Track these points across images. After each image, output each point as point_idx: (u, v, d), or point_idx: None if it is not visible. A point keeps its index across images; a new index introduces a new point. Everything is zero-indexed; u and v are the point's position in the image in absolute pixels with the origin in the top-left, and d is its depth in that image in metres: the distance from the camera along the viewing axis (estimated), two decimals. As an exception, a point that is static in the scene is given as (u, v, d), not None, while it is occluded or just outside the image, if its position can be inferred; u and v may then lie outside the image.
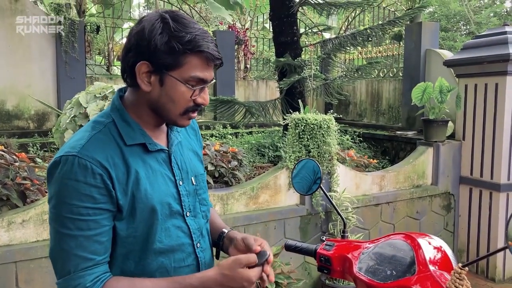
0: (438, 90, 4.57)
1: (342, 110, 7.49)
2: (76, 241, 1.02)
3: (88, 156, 1.04)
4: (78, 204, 1.02)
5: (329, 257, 1.39)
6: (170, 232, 1.15)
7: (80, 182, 1.02)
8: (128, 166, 1.09)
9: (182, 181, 1.20)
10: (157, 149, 1.16)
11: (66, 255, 1.03)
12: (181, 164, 1.22)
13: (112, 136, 1.11)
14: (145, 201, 1.10)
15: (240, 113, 5.20)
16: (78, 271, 1.03)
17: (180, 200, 1.19)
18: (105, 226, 1.06)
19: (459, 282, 1.08)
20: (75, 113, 2.91)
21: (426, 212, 4.63)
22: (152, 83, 1.10)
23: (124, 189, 1.08)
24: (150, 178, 1.13)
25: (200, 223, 1.24)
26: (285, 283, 3.36)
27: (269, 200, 3.75)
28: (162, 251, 1.14)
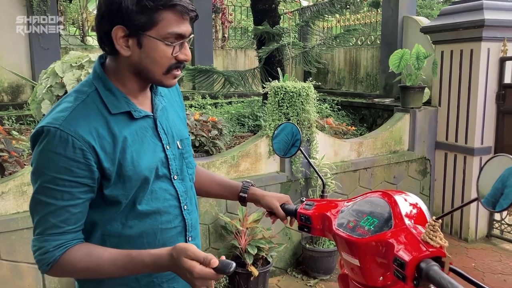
0: (415, 56, 4.62)
1: (320, 79, 7.51)
2: (48, 208, 1.05)
3: (70, 129, 1.04)
4: (55, 175, 1.04)
5: (309, 216, 1.43)
6: (157, 195, 1.17)
7: (59, 155, 1.03)
8: (114, 135, 1.09)
9: (169, 146, 1.21)
10: (142, 116, 1.16)
11: (38, 218, 1.07)
12: (166, 128, 1.22)
13: (95, 106, 1.10)
14: (132, 169, 1.11)
15: (219, 83, 5.17)
16: (45, 235, 1.06)
17: (167, 164, 1.20)
18: (80, 199, 1.07)
19: (433, 234, 1.13)
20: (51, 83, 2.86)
21: (403, 177, 4.75)
22: (130, 46, 1.08)
23: (111, 158, 1.08)
24: (137, 145, 1.13)
25: (187, 186, 1.27)
26: (267, 248, 3.44)
27: (249, 168, 3.79)
28: (149, 213, 1.16)
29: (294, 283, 3.80)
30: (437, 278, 1.04)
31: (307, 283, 3.78)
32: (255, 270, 3.32)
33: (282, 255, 3.93)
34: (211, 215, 3.55)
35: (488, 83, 4.45)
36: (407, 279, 1.09)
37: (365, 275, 1.28)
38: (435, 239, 1.13)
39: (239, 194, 1.50)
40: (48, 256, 1.06)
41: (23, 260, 2.86)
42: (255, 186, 1.53)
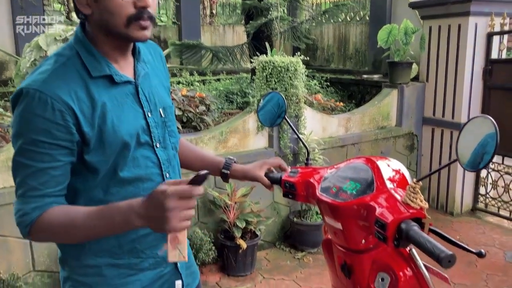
0: (403, 31, 4.62)
1: (310, 55, 7.46)
2: (28, 170, 1.04)
3: (49, 90, 1.03)
4: (34, 137, 1.03)
5: (293, 183, 1.45)
6: (138, 162, 1.17)
7: (38, 117, 1.02)
8: (93, 99, 1.08)
9: (150, 113, 1.20)
10: (123, 81, 1.14)
11: (19, 180, 1.06)
12: (149, 96, 1.21)
13: (76, 69, 1.08)
14: (112, 134, 1.10)
15: (207, 59, 5.13)
16: (25, 197, 1.05)
17: (149, 131, 1.19)
18: (60, 161, 1.06)
19: (413, 195, 1.15)
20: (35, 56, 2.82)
21: (390, 152, 4.79)
22: (89, 4, 1.07)
23: (90, 122, 1.07)
24: (117, 111, 1.12)
25: (169, 154, 1.26)
26: (255, 221, 3.48)
27: (238, 143, 3.80)
28: (131, 180, 1.16)
29: (282, 256, 3.85)
30: (417, 237, 1.07)
31: (295, 256, 3.84)
32: (244, 243, 3.36)
33: (270, 229, 3.98)
34: (200, 190, 3.56)
35: (475, 59, 4.47)
36: (388, 240, 1.11)
37: (348, 239, 1.31)
38: (415, 201, 1.15)
39: (221, 171, 1.52)
40: (26, 218, 1.05)
41: (11, 234, 2.86)
42: (237, 163, 1.54)
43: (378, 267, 1.29)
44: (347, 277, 1.34)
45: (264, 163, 1.52)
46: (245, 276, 3.50)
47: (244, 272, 3.51)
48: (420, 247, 1.05)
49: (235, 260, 3.45)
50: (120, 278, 1.19)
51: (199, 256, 3.29)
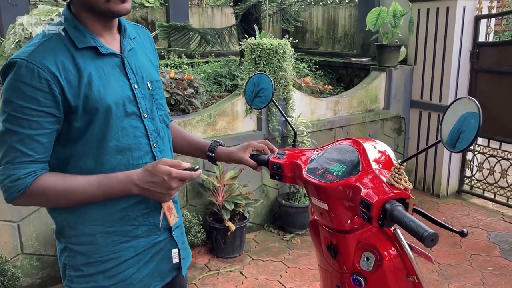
0: (391, 14, 4.61)
1: (299, 38, 7.43)
2: (17, 136, 1.10)
3: (36, 61, 1.08)
4: (22, 104, 1.08)
5: (280, 164, 1.46)
6: (127, 132, 1.22)
7: (26, 85, 1.08)
8: (79, 69, 1.13)
9: (137, 85, 1.25)
10: (109, 53, 1.20)
11: (7, 147, 1.11)
12: (135, 69, 1.26)
13: (62, 42, 1.14)
14: (99, 101, 1.15)
15: (195, 41, 5.09)
16: (15, 163, 1.10)
17: (136, 102, 1.24)
18: (47, 128, 1.12)
19: (398, 176, 1.17)
20: (20, 38, 2.77)
21: (378, 135, 4.82)
22: None
23: (76, 91, 1.12)
24: (103, 80, 1.17)
25: (157, 126, 1.31)
26: (244, 204, 3.50)
27: (226, 126, 3.80)
28: (120, 149, 1.21)
29: (270, 238, 3.89)
30: (401, 217, 1.09)
31: (283, 238, 3.88)
32: (232, 225, 3.38)
33: (259, 211, 4.01)
34: (188, 172, 3.56)
35: (463, 42, 4.49)
36: (373, 220, 1.13)
37: (334, 219, 1.33)
38: (400, 181, 1.17)
39: (206, 153, 1.56)
40: (19, 183, 1.10)
41: (-2, 218, 2.86)
42: (223, 145, 1.57)
43: (363, 246, 1.32)
44: (333, 257, 1.36)
45: (249, 145, 1.54)
46: (234, 258, 3.54)
47: (233, 254, 3.54)
48: (404, 227, 1.07)
49: (224, 242, 3.47)
50: (114, 245, 1.25)
51: (188, 238, 3.31)
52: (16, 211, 2.91)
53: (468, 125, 1.07)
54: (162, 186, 1.14)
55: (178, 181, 1.15)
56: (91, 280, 1.26)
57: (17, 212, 2.92)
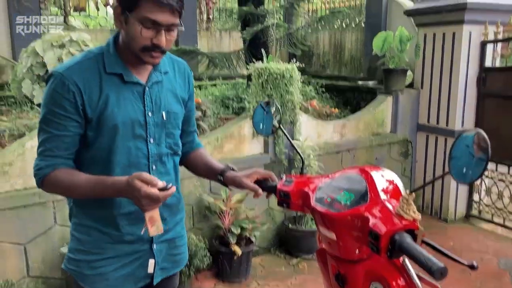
0: (398, 39, 4.65)
1: (305, 61, 7.48)
2: (46, 134, 1.35)
3: (69, 75, 1.32)
4: (53, 109, 1.33)
5: (288, 192, 1.46)
6: (130, 151, 1.41)
7: (58, 93, 1.32)
8: (101, 89, 1.35)
9: (151, 113, 1.42)
10: (132, 81, 1.39)
11: (40, 141, 1.37)
12: (155, 99, 1.43)
13: (96, 64, 1.37)
14: (110, 119, 1.35)
15: (203, 64, 5.15)
16: (42, 156, 1.36)
17: (146, 127, 1.42)
18: (70, 131, 1.35)
19: (406, 207, 1.16)
20: (32, 62, 2.82)
21: (385, 159, 4.81)
22: (121, 23, 1.33)
23: (94, 106, 1.34)
24: (119, 103, 1.37)
25: (161, 151, 1.47)
26: (250, 228, 3.49)
27: (233, 149, 3.81)
28: (123, 166, 1.40)
29: (277, 262, 3.86)
30: (410, 249, 1.08)
31: (290, 262, 3.85)
32: (239, 249, 3.36)
33: (265, 235, 3.98)
34: (195, 195, 3.57)
35: (469, 66, 4.51)
36: (381, 251, 1.12)
37: (342, 249, 1.32)
38: (408, 212, 1.16)
39: (217, 176, 1.60)
40: (40, 172, 1.35)
41: (6, 240, 2.86)
42: (234, 170, 1.59)
43: (371, 277, 1.30)
44: (341, 286, 1.35)
45: (255, 172, 1.55)
46: (240, 283, 3.50)
47: (239, 278, 3.51)
48: (413, 259, 1.06)
49: (230, 267, 3.45)
50: (102, 242, 1.45)
51: (194, 262, 3.29)
52: (23, 233, 2.92)
53: (477, 157, 1.07)
54: (135, 200, 1.25)
55: (147, 199, 1.22)
56: (77, 265, 1.47)
57: (24, 235, 2.93)
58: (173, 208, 1.56)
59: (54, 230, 3.03)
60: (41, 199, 2.90)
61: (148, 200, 1.22)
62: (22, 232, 2.92)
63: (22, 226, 2.90)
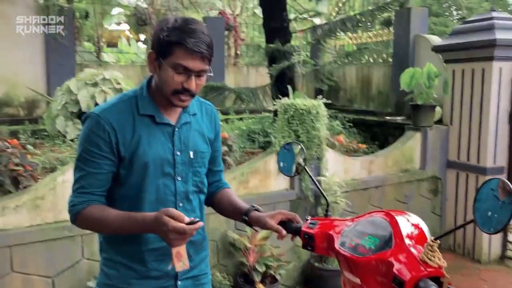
0: (426, 75, 4.63)
1: (332, 95, 7.52)
2: (82, 172, 1.42)
3: (104, 116, 1.41)
4: (89, 148, 1.40)
5: (312, 234, 1.45)
6: (159, 188, 1.47)
7: (93, 133, 1.40)
8: (134, 130, 1.43)
9: (180, 152, 1.49)
10: (163, 122, 1.47)
11: (76, 178, 1.44)
12: (183, 139, 1.50)
13: (130, 106, 1.45)
14: (141, 158, 1.43)
15: (230, 99, 5.24)
16: (76, 192, 1.42)
17: (174, 166, 1.48)
18: (104, 169, 1.42)
19: (431, 253, 1.14)
20: (66, 100, 2.94)
21: (414, 196, 4.72)
22: (155, 67, 1.41)
23: (127, 145, 1.42)
24: (150, 142, 1.44)
25: (188, 189, 1.52)
26: (275, 265, 3.45)
27: (259, 184, 3.81)
28: (151, 202, 1.45)
29: (302, 301, 3.78)
30: (435, 297, 1.05)
31: (316, 302, 3.76)
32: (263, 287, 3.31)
33: (291, 273, 3.92)
34: (220, 231, 3.56)
35: (500, 102, 4.44)
36: (406, 298, 1.10)
37: (366, 294, 1.29)
38: (433, 259, 1.14)
39: (242, 217, 1.60)
40: (74, 208, 1.41)
41: (34, 272, 2.91)
42: (259, 210, 1.59)
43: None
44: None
45: (279, 213, 1.55)
46: (264, 321, 3.44)
47: (263, 317, 3.45)
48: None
49: (254, 304, 3.40)
50: (128, 277, 1.49)
51: (218, 299, 3.26)
52: (51, 266, 2.97)
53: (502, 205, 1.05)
54: (163, 235, 1.28)
55: (174, 234, 1.25)
56: None
57: (53, 267, 2.98)
58: (198, 245, 1.58)
59: (82, 264, 3.07)
60: (70, 233, 2.95)
61: (175, 234, 1.25)
62: (51, 265, 2.97)
63: (51, 259, 2.96)
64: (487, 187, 1.08)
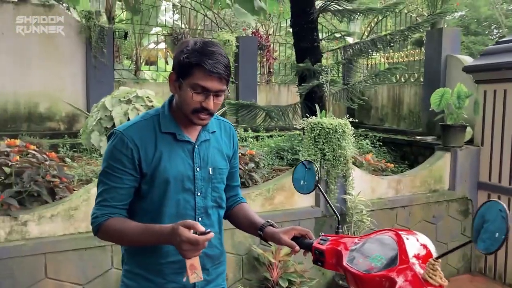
0: (456, 95, 4.61)
1: (363, 114, 7.53)
2: (105, 186, 1.48)
3: (128, 134, 1.48)
4: (112, 163, 1.47)
5: (322, 250, 1.51)
6: (179, 203, 1.52)
7: (117, 150, 1.47)
8: (156, 147, 1.50)
9: (199, 168, 1.55)
10: (184, 140, 1.53)
11: (98, 192, 1.50)
12: (203, 155, 1.56)
13: (153, 124, 1.52)
14: (162, 174, 1.48)
15: (260, 117, 5.34)
16: (98, 205, 1.49)
17: (194, 181, 1.54)
18: (126, 184, 1.48)
19: (432, 272, 1.19)
20: (101, 116, 3.11)
21: (443, 217, 4.66)
22: (176, 88, 1.49)
23: (149, 162, 1.48)
24: (171, 159, 1.50)
25: (207, 204, 1.57)
26: (298, 282, 3.48)
27: (284, 201, 3.87)
28: (171, 216, 1.50)
29: (325, 320, 3.78)
30: (433, 315, 1.09)
31: (339, 320, 3.76)
32: (286, 303, 3.35)
33: (315, 290, 3.93)
34: (245, 246, 3.64)
35: (533, 124, 4.36)
36: (407, 315, 1.14)
37: (371, 310, 1.34)
38: (434, 277, 1.18)
39: (257, 232, 1.66)
40: (96, 220, 1.47)
41: (67, 279, 3.06)
42: (274, 226, 1.66)
43: None
44: None
45: (293, 229, 1.62)
46: (286, 338, 3.46)
47: (285, 333, 3.47)
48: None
49: (277, 320, 3.43)
50: None
51: (241, 313, 3.32)
52: (83, 274, 3.12)
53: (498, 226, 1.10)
54: (177, 246, 1.31)
55: (188, 244, 1.28)
56: None
57: (84, 276, 3.12)
58: (216, 259, 1.64)
59: (111, 273, 3.20)
60: (101, 243, 3.09)
61: (188, 245, 1.27)
62: (82, 273, 3.11)
63: (82, 267, 3.11)
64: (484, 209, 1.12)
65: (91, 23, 5.88)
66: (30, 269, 2.96)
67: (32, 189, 3.02)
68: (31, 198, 3.08)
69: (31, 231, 2.99)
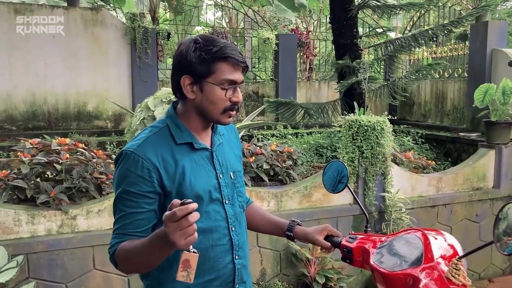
0: (500, 91, 4.47)
1: (406, 110, 7.41)
2: (120, 213, 1.32)
3: (141, 153, 1.32)
4: (127, 188, 1.31)
5: (350, 248, 1.55)
6: (210, 215, 1.40)
7: (131, 172, 1.31)
8: (176, 161, 1.35)
9: (222, 175, 1.45)
10: (201, 148, 1.41)
11: (115, 219, 1.34)
12: (222, 161, 1.46)
13: (165, 137, 1.38)
14: (189, 189, 1.35)
15: (299, 114, 5.38)
16: (115, 233, 1.33)
17: (220, 190, 1.43)
18: (144, 208, 1.31)
19: (455, 272, 1.21)
20: (144, 115, 3.26)
21: (487, 216, 4.54)
22: (195, 91, 1.35)
23: (172, 179, 1.34)
24: (194, 171, 1.38)
25: (236, 211, 1.48)
26: (335, 278, 3.52)
27: (322, 198, 3.91)
28: (202, 230, 1.35)
29: (363, 317, 3.79)
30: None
31: (377, 318, 3.75)
32: (323, 299, 3.40)
33: (353, 287, 3.95)
34: (283, 242, 3.70)
35: None
36: (429, 312, 1.18)
37: (397, 307, 1.38)
38: (457, 277, 1.21)
39: (285, 232, 1.67)
40: (111, 250, 1.32)
41: (113, 271, 3.23)
42: (301, 225, 1.68)
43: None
44: None
45: (325, 228, 1.64)
46: (323, 333, 3.51)
47: (322, 328, 3.52)
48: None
49: (314, 316, 3.48)
50: None
51: (279, 307, 3.40)
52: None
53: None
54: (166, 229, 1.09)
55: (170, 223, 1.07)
56: None
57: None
58: (248, 269, 1.56)
59: (154, 266, 3.35)
60: (144, 237, 3.24)
61: (170, 223, 1.07)
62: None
63: (128, 259, 3.27)
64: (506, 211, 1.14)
65: (135, 25, 6.10)
66: (79, 260, 3.16)
67: (80, 185, 3.21)
68: (80, 194, 3.28)
69: (80, 225, 3.18)
